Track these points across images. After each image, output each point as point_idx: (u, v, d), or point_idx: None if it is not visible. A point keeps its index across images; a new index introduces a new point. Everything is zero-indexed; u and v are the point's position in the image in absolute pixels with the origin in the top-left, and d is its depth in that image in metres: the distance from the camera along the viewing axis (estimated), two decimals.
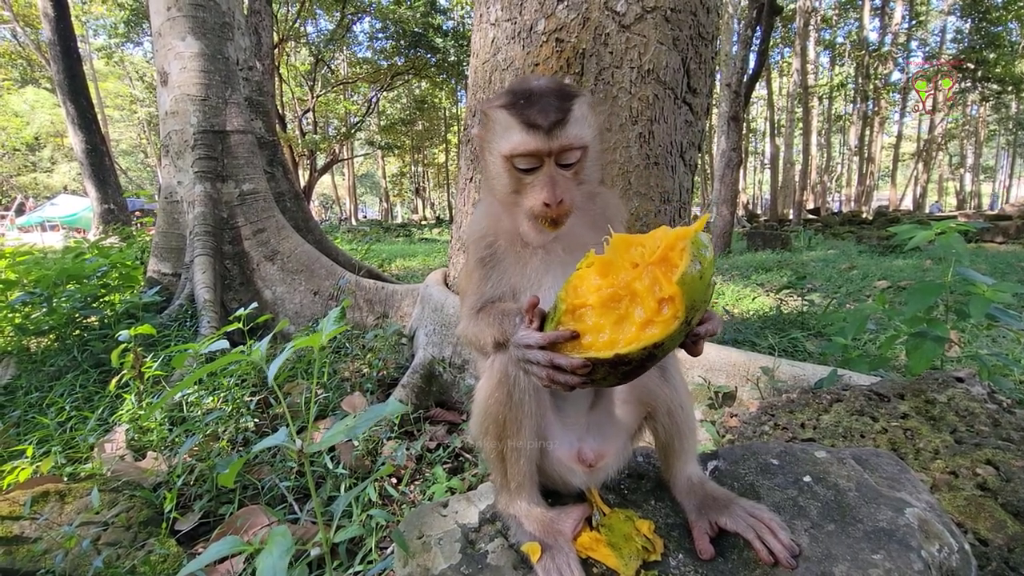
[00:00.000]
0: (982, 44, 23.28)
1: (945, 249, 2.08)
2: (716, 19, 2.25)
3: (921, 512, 0.89)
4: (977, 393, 1.48)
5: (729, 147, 10.35)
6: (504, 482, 0.97)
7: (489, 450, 0.96)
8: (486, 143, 0.95)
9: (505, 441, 0.92)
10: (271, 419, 2.16)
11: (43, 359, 2.66)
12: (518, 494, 0.97)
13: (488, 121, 0.93)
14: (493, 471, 0.99)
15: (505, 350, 0.88)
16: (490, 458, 0.97)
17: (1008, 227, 11.75)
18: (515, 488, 0.97)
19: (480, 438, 0.97)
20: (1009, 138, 43.65)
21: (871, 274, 6.78)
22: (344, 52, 24.50)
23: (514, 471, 0.95)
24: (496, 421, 0.92)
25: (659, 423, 1.02)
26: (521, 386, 0.89)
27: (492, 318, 0.92)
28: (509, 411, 0.90)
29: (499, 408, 0.90)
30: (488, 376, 0.93)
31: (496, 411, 0.91)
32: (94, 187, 10.23)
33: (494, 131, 0.92)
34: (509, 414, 0.90)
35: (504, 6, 2.14)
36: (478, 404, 0.95)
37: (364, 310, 3.41)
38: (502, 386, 0.90)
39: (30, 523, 1.32)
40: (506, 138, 0.89)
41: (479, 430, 0.96)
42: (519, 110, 0.87)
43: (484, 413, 0.93)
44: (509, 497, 0.98)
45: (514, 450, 0.93)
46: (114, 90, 31.94)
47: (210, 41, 3.57)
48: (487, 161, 0.96)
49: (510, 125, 0.88)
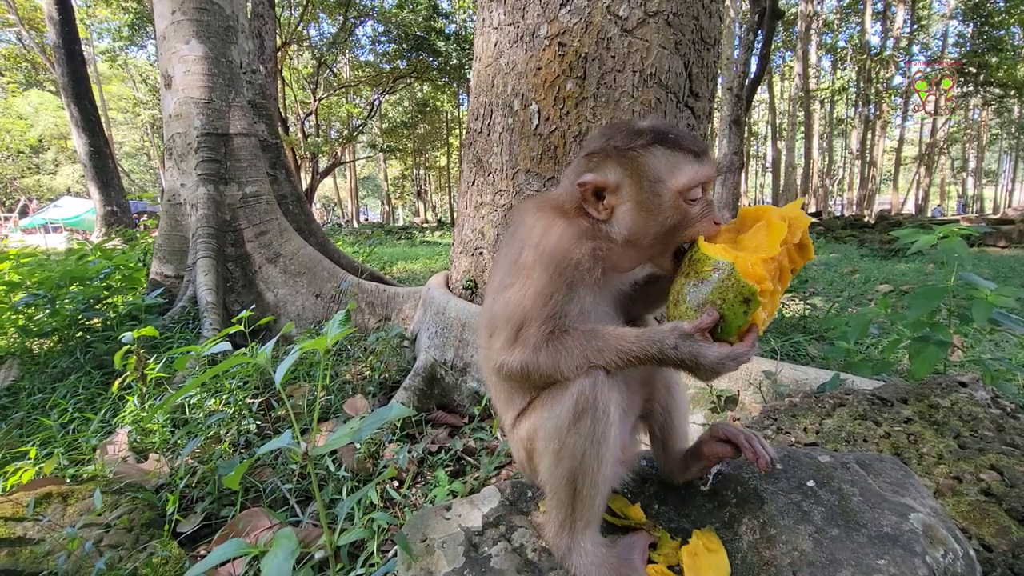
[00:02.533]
0: (984, 48, 23.30)
1: (948, 253, 2.07)
2: (718, 23, 2.26)
3: (925, 517, 0.89)
4: (981, 398, 1.47)
5: (731, 151, 10.36)
6: (569, 519, 0.88)
7: (558, 486, 0.87)
8: (641, 186, 0.89)
9: (583, 478, 0.85)
10: (273, 421, 2.16)
11: (46, 361, 2.66)
12: (583, 533, 0.89)
13: (638, 165, 0.89)
14: (556, 506, 0.90)
15: (587, 376, 0.83)
16: (558, 493, 0.88)
17: (1010, 231, 11.73)
18: (582, 527, 0.89)
19: (549, 472, 0.88)
20: (1012, 142, 43.61)
21: (873, 278, 6.77)
22: (346, 55, 24.60)
23: (584, 508, 0.87)
24: (573, 455, 0.84)
25: (658, 402, 1.06)
26: (609, 418, 0.84)
27: (605, 343, 0.84)
28: (591, 445, 0.83)
29: (580, 441, 0.83)
30: (563, 405, 0.85)
31: (575, 444, 0.84)
32: (97, 189, 10.28)
33: (656, 170, 0.88)
34: (591, 449, 0.83)
35: (507, 10, 2.15)
36: (550, 437, 0.87)
37: (366, 313, 3.41)
38: (585, 417, 0.83)
39: (33, 524, 1.33)
40: (678, 173, 0.87)
41: (551, 463, 0.87)
42: (680, 144, 0.88)
43: (560, 447, 0.85)
44: (572, 536, 0.89)
45: (592, 486, 0.86)
46: (118, 93, 32.09)
47: (214, 44, 3.59)
48: (640, 203, 0.89)
49: (678, 160, 0.87)
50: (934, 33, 30.77)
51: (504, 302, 0.90)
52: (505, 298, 0.90)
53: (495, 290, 0.95)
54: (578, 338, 0.85)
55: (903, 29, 24.76)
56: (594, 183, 0.89)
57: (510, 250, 0.95)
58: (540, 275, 0.87)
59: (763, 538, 0.92)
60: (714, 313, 0.81)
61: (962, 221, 14.45)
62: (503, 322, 0.90)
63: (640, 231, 0.90)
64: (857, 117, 27.91)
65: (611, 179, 0.89)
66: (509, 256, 0.94)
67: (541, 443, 0.90)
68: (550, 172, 2.13)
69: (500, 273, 0.95)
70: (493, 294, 0.96)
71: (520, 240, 0.93)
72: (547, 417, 0.88)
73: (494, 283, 0.97)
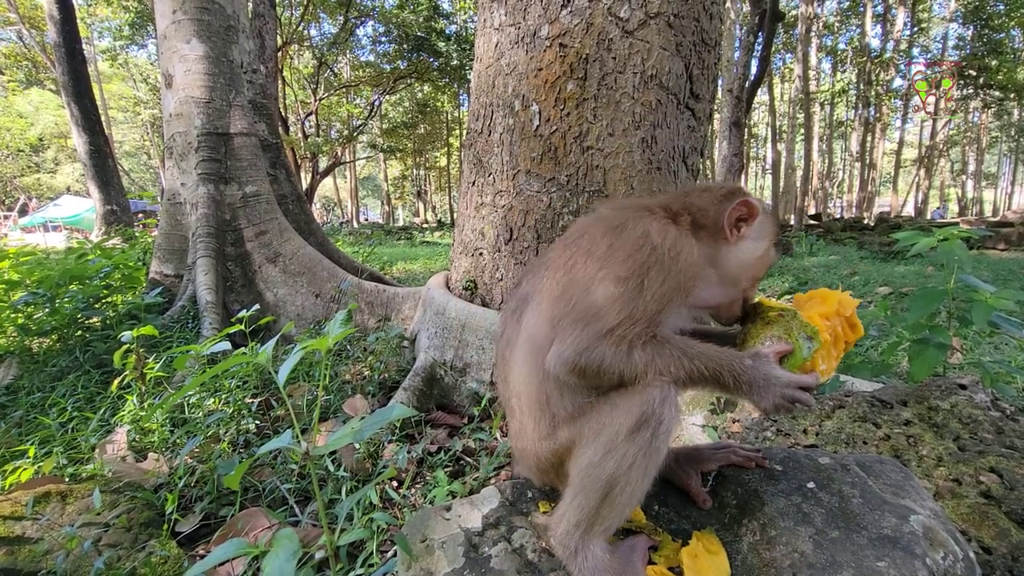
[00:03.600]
0: (984, 51, 23.33)
1: (947, 255, 2.08)
2: (719, 25, 2.26)
3: (926, 519, 0.89)
4: (980, 400, 1.47)
5: (731, 152, 10.37)
6: (588, 522, 0.89)
7: (591, 488, 0.87)
8: (764, 230, 1.03)
9: (623, 487, 0.85)
10: (272, 421, 2.16)
11: (45, 360, 2.66)
12: (597, 538, 0.90)
13: (767, 214, 1.03)
14: (577, 507, 0.89)
15: (659, 388, 0.85)
16: (588, 495, 0.88)
17: (1010, 234, 11.74)
18: (599, 532, 0.90)
19: (585, 471, 0.88)
20: (1011, 145, 43.66)
21: (873, 280, 6.77)
22: (347, 55, 24.61)
23: (611, 516, 0.88)
24: (621, 463, 0.84)
25: None
26: (667, 435, 0.85)
27: (695, 354, 0.87)
28: (643, 457, 0.84)
29: (633, 451, 0.84)
30: (627, 412, 0.85)
31: (626, 452, 0.84)
32: (97, 188, 10.28)
33: (776, 226, 1.06)
34: (641, 461, 0.84)
35: (508, 11, 2.15)
36: (601, 439, 0.87)
37: (365, 313, 3.41)
38: (646, 429, 0.84)
39: (32, 523, 1.32)
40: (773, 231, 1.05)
41: (592, 462, 0.87)
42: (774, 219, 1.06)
43: (608, 450, 0.85)
44: (583, 539, 0.90)
45: (629, 497, 0.86)
46: (118, 92, 32.07)
47: (215, 44, 3.59)
48: (759, 243, 1.02)
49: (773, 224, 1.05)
50: (934, 36, 30.82)
51: (604, 295, 0.89)
52: (605, 292, 0.89)
53: (585, 280, 0.92)
54: (675, 346, 0.87)
55: (903, 32, 24.79)
56: (749, 208, 0.98)
57: (615, 246, 0.92)
58: (657, 278, 0.88)
59: (763, 539, 0.93)
60: (786, 345, 0.92)
61: (962, 224, 14.46)
62: (593, 315, 0.88)
63: (745, 268, 1.01)
64: (857, 119, 27.94)
65: (757, 211, 0.99)
66: (615, 254, 0.92)
67: (586, 443, 0.89)
68: (550, 173, 2.13)
69: (592, 265, 0.92)
70: (581, 285, 0.92)
71: (633, 241, 0.92)
72: (605, 420, 0.87)
73: (579, 275, 0.93)
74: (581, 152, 2.09)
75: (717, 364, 0.87)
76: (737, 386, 0.87)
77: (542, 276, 1.01)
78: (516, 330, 1.02)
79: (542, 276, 1.01)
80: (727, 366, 0.87)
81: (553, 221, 2.17)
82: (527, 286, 1.05)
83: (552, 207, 2.15)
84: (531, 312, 1.00)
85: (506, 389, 1.07)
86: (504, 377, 1.07)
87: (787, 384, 0.87)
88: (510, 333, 1.04)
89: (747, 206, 0.98)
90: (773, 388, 0.87)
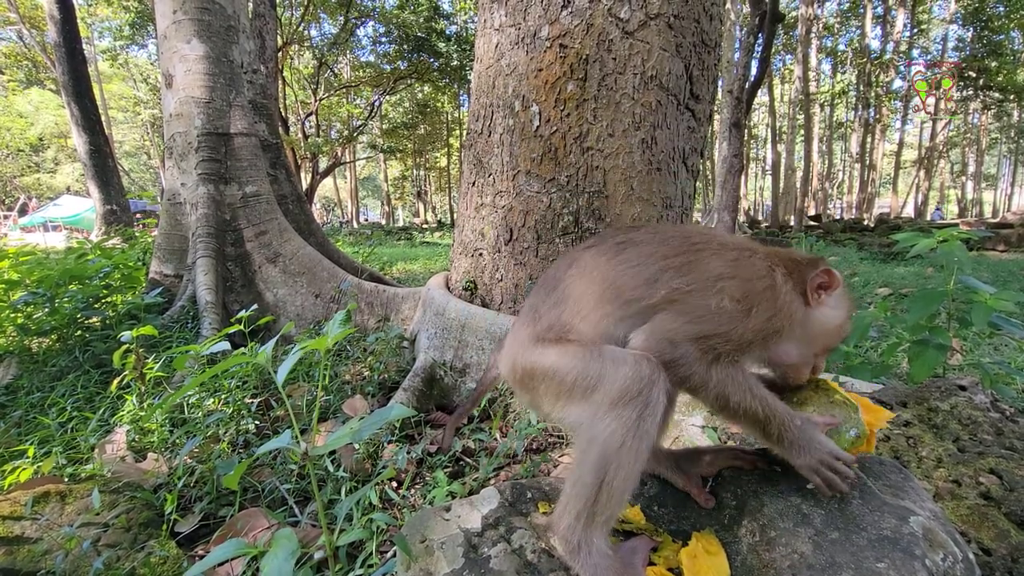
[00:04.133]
0: (984, 52, 23.35)
1: (947, 257, 2.08)
2: (719, 26, 2.26)
3: (925, 521, 0.89)
4: (980, 401, 1.47)
5: (731, 153, 10.37)
6: (592, 511, 0.87)
7: (589, 477, 0.86)
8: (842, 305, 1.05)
9: (617, 469, 0.84)
10: (272, 421, 2.15)
11: (45, 359, 2.66)
12: (598, 531, 0.89)
13: (842, 295, 1.04)
14: (578, 496, 0.88)
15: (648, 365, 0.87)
16: (585, 483, 0.87)
17: (1010, 235, 11.75)
18: (602, 523, 0.88)
19: (583, 459, 0.88)
20: (1011, 146, 43.70)
21: (873, 281, 6.77)
22: (347, 56, 24.62)
23: (609, 502, 0.86)
24: (610, 442, 0.84)
25: None
26: (656, 414, 0.85)
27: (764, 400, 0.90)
28: (632, 438, 0.84)
29: (622, 429, 0.84)
30: (613, 389, 0.86)
31: (616, 429, 0.84)
32: (97, 188, 10.28)
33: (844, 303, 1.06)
34: (631, 442, 0.84)
35: (508, 12, 2.15)
36: (596, 424, 0.86)
37: (365, 313, 3.41)
38: (634, 405, 0.84)
39: (31, 523, 1.32)
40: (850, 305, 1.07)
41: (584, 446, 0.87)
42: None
43: (601, 432, 0.85)
44: (586, 532, 0.88)
45: (626, 479, 0.85)
46: (118, 92, 32.08)
47: (215, 44, 3.59)
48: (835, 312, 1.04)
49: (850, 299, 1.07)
50: (934, 37, 30.84)
51: (717, 305, 0.91)
52: (719, 303, 0.91)
53: (705, 281, 0.94)
54: (747, 378, 0.91)
55: (903, 33, 24.81)
56: (831, 277, 1.01)
57: (741, 266, 0.96)
58: (764, 313, 0.92)
59: (762, 540, 0.92)
60: (835, 420, 0.97)
61: (962, 225, 14.46)
62: (698, 317, 0.91)
63: (820, 334, 1.02)
64: (857, 121, 27.96)
65: (838, 281, 1.02)
66: (739, 272, 0.95)
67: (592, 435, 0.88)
68: (550, 174, 2.14)
69: (716, 269, 0.94)
70: (700, 283, 0.94)
71: (756, 270, 0.96)
72: (597, 405, 0.87)
73: (702, 271, 0.95)
74: (581, 153, 2.09)
75: (772, 411, 0.90)
76: (780, 439, 0.91)
77: (658, 237, 1.02)
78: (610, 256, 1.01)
79: (658, 237, 1.02)
80: (779, 417, 0.90)
81: (553, 222, 2.17)
82: (642, 233, 1.05)
83: (552, 208, 2.15)
84: (634, 254, 0.99)
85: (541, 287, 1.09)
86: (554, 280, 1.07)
87: (829, 452, 0.91)
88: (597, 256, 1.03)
89: (829, 275, 1.01)
90: (815, 451, 0.91)
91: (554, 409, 0.96)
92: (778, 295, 0.94)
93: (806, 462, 0.91)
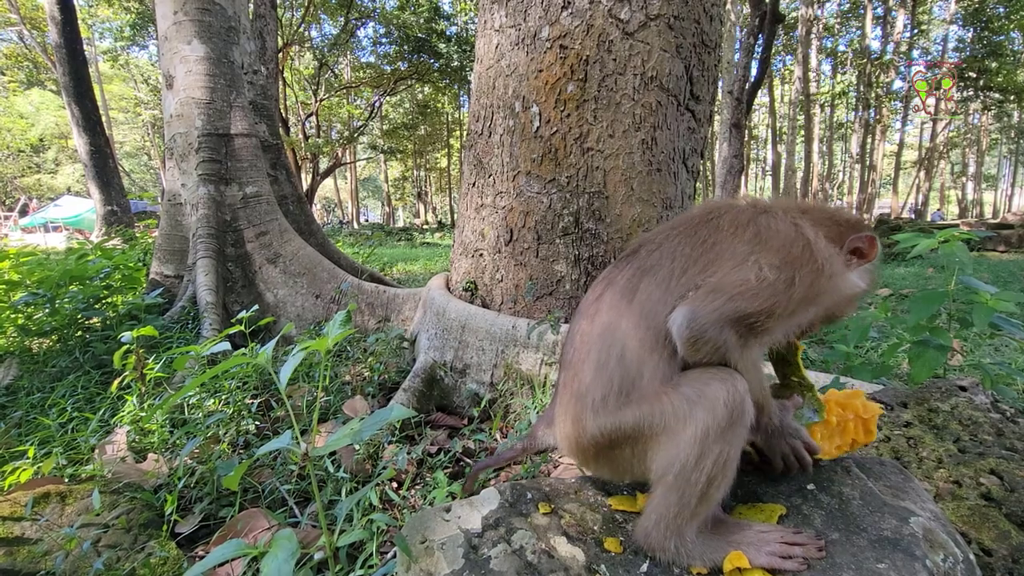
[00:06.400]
0: (984, 53, 23.35)
1: (948, 257, 2.08)
2: (719, 27, 2.26)
3: (926, 521, 0.88)
4: (980, 402, 1.47)
5: (731, 154, 10.38)
6: (692, 514, 0.85)
7: (695, 491, 0.83)
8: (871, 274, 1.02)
9: (720, 483, 0.84)
10: (272, 422, 2.15)
11: (45, 360, 2.66)
12: (694, 523, 0.87)
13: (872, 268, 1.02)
14: (682, 503, 0.85)
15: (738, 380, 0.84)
16: (691, 494, 0.84)
17: (1010, 236, 11.75)
18: (697, 521, 0.87)
19: (687, 463, 0.84)
20: (1011, 147, 43.71)
21: None
22: (348, 57, 24.65)
23: (707, 508, 0.86)
24: (718, 459, 0.82)
25: None
26: (747, 420, 0.84)
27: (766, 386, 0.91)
28: (735, 450, 0.84)
29: (727, 448, 0.83)
30: (718, 406, 0.82)
31: (721, 450, 0.82)
32: (98, 189, 10.30)
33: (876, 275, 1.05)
34: (734, 454, 0.84)
35: (508, 12, 2.15)
36: (699, 429, 0.82)
37: (366, 314, 3.41)
38: (740, 424, 0.83)
39: (31, 524, 1.32)
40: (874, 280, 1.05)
41: (694, 465, 0.83)
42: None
43: (707, 454, 0.83)
44: (683, 526, 0.86)
45: (725, 487, 0.85)
46: (119, 93, 32.15)
47: (216, 45, 3.59)
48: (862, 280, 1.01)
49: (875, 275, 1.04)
50: (934, 38, 30.83)
51: (757, 277, 0.85)
52: (758, 274, 0.86)
53: (732, 258, 0.89)
54: (759, 363, 0.92)
55: (903, 34, 24.82)
56: (871, 242, 0.96)
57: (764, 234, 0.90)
58: (807, 278, 0.87)
59: None
60: (799, 401, 1.02)
61: (962, 226, 14.45)
62: (738, 293, 0.85)
63: (838, 300, 0.97)
64: (857, 121, 27.95)
65: (875, 251, 0.98)
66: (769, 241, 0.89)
67: (668, 438, 0.85)
68: (551, 174, 2.14)
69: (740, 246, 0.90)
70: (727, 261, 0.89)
71: (785, 232, 0.91)
72: (698, 408, 0.83)
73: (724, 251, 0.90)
74: (581, 153, 2.09)
75: (768, 400, 0.93)
76: (766, 427, 0.94)
77: (667, 248, 0.96)
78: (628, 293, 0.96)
79: (667, 248, 0.96)
80: (770, 405, 0.94)
81: (553, 222, 2.17)
82: (647, 257, 0.98)
83: (552, 208, 2.15)
84: (652, 278, 0.94)
85: (578, 350, 1.00)
86: (583, 336, 1.00)
87: (799, 439, 0.95)
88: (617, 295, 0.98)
89: (871, 243, 0.95)
90: (788, 437, 0.95)
91: (646, 464, 0.91)
92: (816, 254, 0.88)
93: (778, 445, 0.95)
